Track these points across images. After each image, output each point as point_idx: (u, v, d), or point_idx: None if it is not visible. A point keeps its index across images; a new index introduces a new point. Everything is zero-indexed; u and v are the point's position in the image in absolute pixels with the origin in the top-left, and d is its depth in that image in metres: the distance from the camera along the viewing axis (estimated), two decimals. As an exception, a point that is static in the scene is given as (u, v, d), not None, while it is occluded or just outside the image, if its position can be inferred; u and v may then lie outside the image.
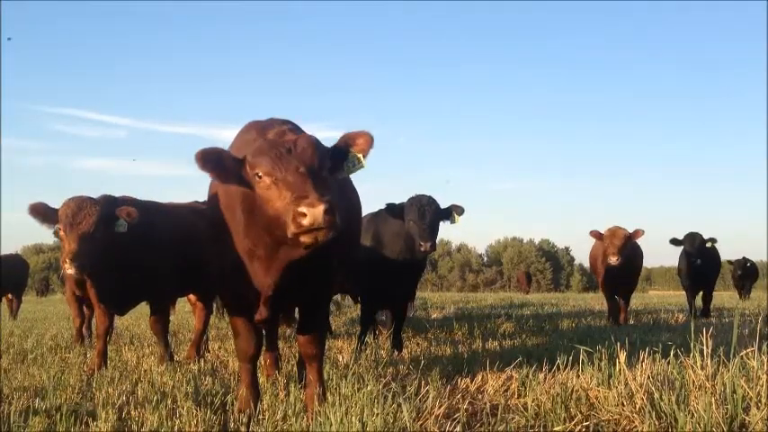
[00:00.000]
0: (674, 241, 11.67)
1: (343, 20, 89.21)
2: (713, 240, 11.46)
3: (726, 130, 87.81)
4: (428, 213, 6.32)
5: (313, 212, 2.86)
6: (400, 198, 6.60)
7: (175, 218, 6.09)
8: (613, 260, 9.74)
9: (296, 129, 3.57)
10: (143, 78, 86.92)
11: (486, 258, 70.96)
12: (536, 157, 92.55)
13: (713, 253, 11.76)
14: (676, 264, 12.32)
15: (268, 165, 3.10)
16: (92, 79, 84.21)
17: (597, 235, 10.20)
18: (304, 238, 2.95)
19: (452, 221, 6.59)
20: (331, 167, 3.28)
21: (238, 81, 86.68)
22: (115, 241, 5.24)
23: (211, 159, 3.23)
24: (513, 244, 69.05)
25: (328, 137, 4.09)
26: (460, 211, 6.60)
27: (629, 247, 9.85)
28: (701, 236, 11.44)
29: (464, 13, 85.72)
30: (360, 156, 3.37)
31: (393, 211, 6.52)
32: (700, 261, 11.32)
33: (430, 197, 6.54)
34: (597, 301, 20.68)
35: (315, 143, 3.23)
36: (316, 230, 2.91)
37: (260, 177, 3.13)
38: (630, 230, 9.88)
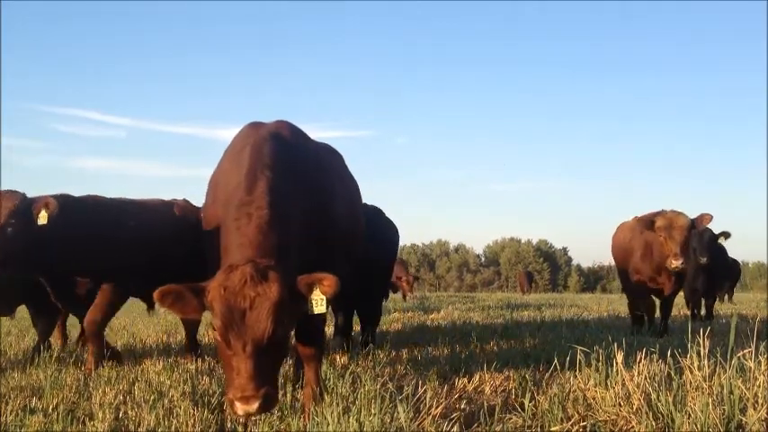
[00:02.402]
0: None
1: (343, 20, 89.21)
2: (726, 235, 9.22)
3: (726, 131, 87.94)
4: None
5: (246, 408, 2.93)
6: (403, 198, 6.24)
7: (139, 215, 5.85)
8: (675, 264, 6.97)
9: (259, 270, 3.11)
10: (143, 78, 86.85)
11: (483, 259, 71.02)
12: (535, 157, 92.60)
13: (723, 250, 10.58)
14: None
15: (220, 328, 3.04)
16: (92, 79, 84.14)
17: (647, 222, 7.27)
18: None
19: None
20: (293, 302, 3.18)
21: (238, 81, 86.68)
22: (56, 239, 5.08)
23: (169, 296, 3.18)
24: (511, 244, 69.11)
25: (328, 137, 4.13)
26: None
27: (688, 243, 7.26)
28: (710, 231, 9.51)
29: (464, 14, 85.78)
30: (322, 298, 3.24)
31: None
32: (705, 260, 9.57)
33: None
34: (595, 301, 20.69)
35: (273, 306, 3.03)
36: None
37: (214, 329, 3.11)
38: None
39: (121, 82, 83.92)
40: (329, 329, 7.45)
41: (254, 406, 2.92)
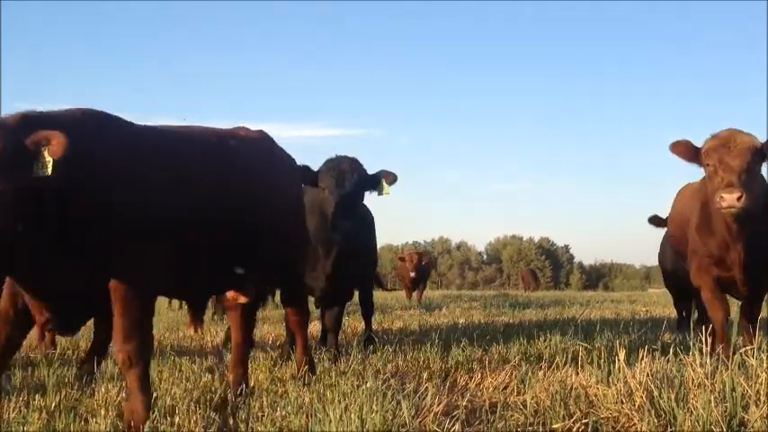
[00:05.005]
0: (656, 220, 7.86)
1: (343, 20, 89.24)
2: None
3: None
4: (348, 182, 5.05)
5: None
6: (404, 195, 5.84)
7: None
8: (726, 198, 4.28)
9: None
10: (142, 78, 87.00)
11: (485, 256, 71.06)
12: (535, 156, 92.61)
13: None
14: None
15: None
16: (92, 79, 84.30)
17: (691, 149, 4.74)
18: None
19: (380, 192, 5.30)
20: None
21: (238, 81, 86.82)
22: None
23: None
24: (513, 242, 69.14)
25: (327, 136, 4.11)
26: (392, 178, 5.28)
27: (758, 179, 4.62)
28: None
29: (466, 14, 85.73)
30: (49, 160, 2.99)
31: (306, 177, 5.11)
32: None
33: (353, 159, 5.24)
34: (597, 298, 20.67)
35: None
36: None
37: None
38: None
39: (121, 82, 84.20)
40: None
41: None
